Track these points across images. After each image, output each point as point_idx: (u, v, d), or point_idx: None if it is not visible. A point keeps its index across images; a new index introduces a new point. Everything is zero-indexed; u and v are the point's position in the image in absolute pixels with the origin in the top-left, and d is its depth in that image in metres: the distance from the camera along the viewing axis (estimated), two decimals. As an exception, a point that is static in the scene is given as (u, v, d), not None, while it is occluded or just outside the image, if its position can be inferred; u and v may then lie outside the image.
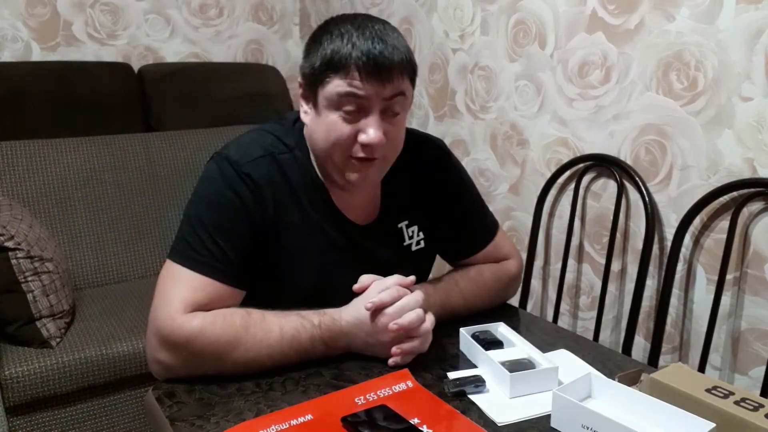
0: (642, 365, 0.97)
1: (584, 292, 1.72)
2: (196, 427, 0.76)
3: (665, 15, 1.41)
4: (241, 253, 0.90)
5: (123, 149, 2.11)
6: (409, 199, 1.05)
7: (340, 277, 0.94)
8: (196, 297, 0.86)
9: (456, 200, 1.08)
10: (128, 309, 1.78)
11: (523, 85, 1.80)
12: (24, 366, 1.49)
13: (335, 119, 0.88)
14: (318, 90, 0.89)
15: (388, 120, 0.90)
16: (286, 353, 0.87)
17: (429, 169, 1.06)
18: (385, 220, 1.03)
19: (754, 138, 1.28)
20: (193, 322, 0.84)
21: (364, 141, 0.88)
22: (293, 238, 0.95)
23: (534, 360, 0.89)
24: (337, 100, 0.87)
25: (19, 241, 1.55)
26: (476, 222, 1.11)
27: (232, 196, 0.90)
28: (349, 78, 0.86)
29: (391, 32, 0.90)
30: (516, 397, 0.84)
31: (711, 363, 1.40)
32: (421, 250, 1.07)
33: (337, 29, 0.88)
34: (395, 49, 0.87)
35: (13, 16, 2.18)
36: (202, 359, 0.85)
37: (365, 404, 0.80)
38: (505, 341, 0.96)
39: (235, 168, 0.91)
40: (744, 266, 1.34)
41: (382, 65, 0.86)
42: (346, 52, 0.86)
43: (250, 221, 0.91)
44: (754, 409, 0.72)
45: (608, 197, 1.62)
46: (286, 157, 0.95)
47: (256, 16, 2.67)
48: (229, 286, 0.89)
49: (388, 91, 0.87)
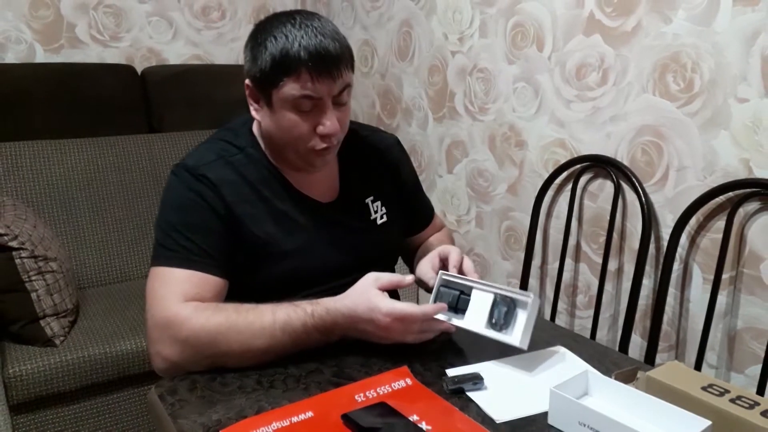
0: (639, 363, 0.98)
1: (581, 291, 1.73)
2: (198, 424, 0.77)
3: (662, 17, 1.42)
4: (214, 245, 0.95)
5: (126, 150, 2.12)
6: (370, 177, 1.14)
7: (315, 256, 1.03)
8: (184, 288, 0.91)
9: (411, 181, 1.23)
10: (131, 308, 1.79)
11: (521, 87, 1.81)
12: (28, 364, 1.50)
13: (293, 117, 0.95)
14: (271, 91, 0.94)
15: (338, 108, 0.97)
16: (279, 337, 0.88)
17: (388, 153, 1.18)
18: (349, 196, 1.11)
19: (750, 139, 1.30)
20: (188, 308, 0.89)
21: (322, 132, 0.96)
22: (263, 228, 1.00)
23: (506, 295, 0.92)
24: (293, 102, 0.93)
25: (23, 241, 1.56)
26: (425, 200, 1.28)
27: (193, 195, 0.97)
28: (302, 81, 0.91)
29: (327, 24, 0.95)
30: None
31: (707, 361, 1.41)
32: (384, 223, 1.14)
33: (279, 30, 0.92)
34: (337, 42, 0.93)
35: (16, 18, 2.19)
36: (198, 345, 0.88)
37: (365, 401, 0.81)
38: (462, 302, 0.96)
39: (192, 172, 0.98)
40: (740, 266, 1.35)
41: (330, 63, 0.91)
42: (294, 54, 0.90)
43: (215, 215, 0.97)
44: (749, 407, 0.72)
45: (605, 197, 1.63)
46: (238, 158, 1.02)
47: (257, 18, 2.61)
48: (211, 275, 0.94)
49: (338, 87, 0.94)
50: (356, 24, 2.50)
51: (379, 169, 1.16)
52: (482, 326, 0.92)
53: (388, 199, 1.15)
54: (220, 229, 0.96)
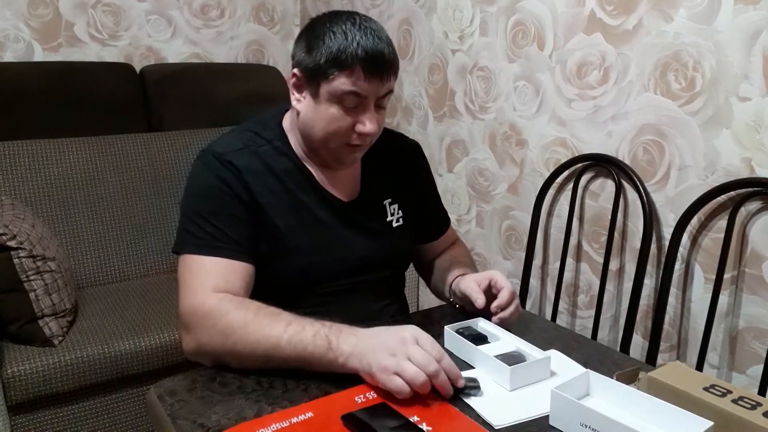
0: (640, 363, 0.97)
1: (582, 291, 1.73)
2: (197, 425, 0.76)
3: (663, 16, 1.42)
4: (240, 231, 0.98)
5: (125, 149, 2.11)
6: (390, 180, 1.16)
7: (331, 253, 1.05)
8: (212, 278, 0.93)
9: (429, 188, 1.25)
10: (130, 308, 1.79)
11: (521, 85, 1.81)
12: (26, 364, 1.50)
13: (335, 112, 0.97)
14: (321, 83, 0.96)
15: (378, 111, 1.01)
16: (283, 348, 0.85)
17: (409, 158, 1.21)
18: (369, 196, 1.12)
19: (752, 138, 1.29)
20: (213, 299, 0.91)
21: (362, 131, 0.98)
22: (283, 220, 1.02)
23: (524, 351, 0.92)
24: (340, 96, 0.96)
25: (22, 241, 1.56)
26: (441, 209, 1.30)
27: (219, 183, 0.98)
28: (354, 77, 0.94)
29: (382, 30, 0.98)
30: (516, 389, 0.85)
31: (709, 361, 1.41)
32: (400, 227, 1.15)
33: (339, 27, 0.95)
34: (390, 47, 0.97)
35: (15, 17, 2.19)
36: (214, 335, 0.89)
37: (365, 402, 0.80)
38: (489, 335, 0.98)
39: (218, 158, 1.00)
40: (742, 265, 1.35)
41: (383, 65, 0.95)
42: (351, 51, 0.93)
43: (240, 202, 0.99)
44: (751, 407, 0.72)
45: (606, 197, 1.62)
46: (265, 149, 1.04)
47: (257, 17, 2.68)
48: (238, 261, 0.96)
49: (384, 89, 0.98)
50: (356, 23, 2.49)
51: (400, 172, 1.18)
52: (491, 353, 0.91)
53: (405, 203, 1.17)
54: (245, 216, 0.98)
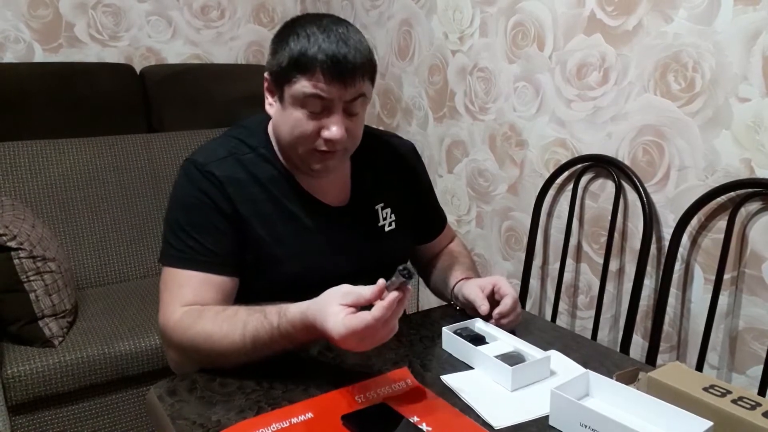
0: (640, 364, 0.97)
1: (582, 292, 1.73)
2: (197, 425, 0.77)
3: (663, 16, 1.42)
4: (221, 244, 0.97)
5: (125, 150, 2.12)
6: (383, 183, 1.13)
7: (321, 260, 1.03)
8: (183, 293, 0.94)
9: (425, 189, 1.23)
10: (130, 308, 1.79)
11: (521, 86, 1.81)
12: (26, 365, 1.50)
13: (300, 116, 0.95)
14: (284, 87, 0.95)
15: (349, 117, 0.96)
16: (251, 349, 0.87)
17: (404, 159, 1.18)
18: (359, 201, 1.10)
19: (752, 138, 1.29)
20: (177, 315, 0.92)
21: (326, 137, 0.95)
22: (269, 228, 1.00)
23: (522, 351, 0.92)
24: (302, 100, 0.93)
25: (22, 241, 1.56)
26: (438, 208, 1.28)
27: (200, 194, 0.97)
28: (314, 80, 0.91)
29: (354, 34, 0.95)
30: (516, 390, 0.85)
31: (708, 362, 1.41)
32: (392, 231, 1.13)
33: (303, 30, 0.93)
34: (357, 52, 0.93)
35: (15, 18, 2.19)
36: (185, 350, 0.92)
37: (365, 402, 0.81)
38: (487, 336, 0.98)
39: (200, 169, 0.98)
40: (741, 266, 1.35)
41: (345, 69, 0.91)
42: (312, 54, 0.91)
43: (221, 214, 0.97)
44: (751, 407, 0.72)
45: (606, 197, 1.62)
46: (249, 157, 1.02)
47: (257, 17, 2.68)
48: (217, 275, 0.96)
49: (350, 94, 0.93)
50: (356, 23, 2.50)
51: (394, 175, 1.15)
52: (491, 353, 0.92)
53: (398, 206, 1.14)
54: (227, 228, 0.97)
